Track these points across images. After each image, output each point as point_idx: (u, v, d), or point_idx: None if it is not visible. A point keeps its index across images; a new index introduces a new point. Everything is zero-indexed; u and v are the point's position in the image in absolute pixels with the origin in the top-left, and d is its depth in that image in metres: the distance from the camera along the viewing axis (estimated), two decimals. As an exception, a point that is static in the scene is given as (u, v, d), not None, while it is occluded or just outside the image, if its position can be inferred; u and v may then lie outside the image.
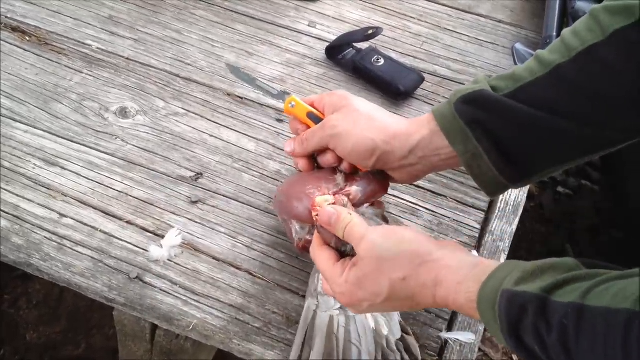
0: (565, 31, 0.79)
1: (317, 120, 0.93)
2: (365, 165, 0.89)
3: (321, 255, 0.83)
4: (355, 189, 0.88)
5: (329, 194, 0.87)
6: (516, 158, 0.81)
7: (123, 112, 1.14)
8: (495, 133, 0.80)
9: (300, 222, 0.89)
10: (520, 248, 1.89)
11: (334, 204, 0.85)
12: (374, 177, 0.90)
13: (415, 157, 0.86)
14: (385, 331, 0.87)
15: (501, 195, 1.08)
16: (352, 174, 0.91)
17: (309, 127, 0.94)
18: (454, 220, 1.05)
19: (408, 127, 0.86)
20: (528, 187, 1.10)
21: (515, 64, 1.15)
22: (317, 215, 0.84)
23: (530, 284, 0.64)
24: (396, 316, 0.89)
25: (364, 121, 0.87)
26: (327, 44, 1.28)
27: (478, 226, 1.05)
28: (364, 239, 0.77)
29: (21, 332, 1.71)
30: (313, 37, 1.31)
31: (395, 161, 0.87)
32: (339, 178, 0.89)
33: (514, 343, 0.64)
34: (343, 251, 0.82)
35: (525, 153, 0.81)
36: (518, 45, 1.17)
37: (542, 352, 0.61)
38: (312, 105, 0.94)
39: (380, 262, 0.75)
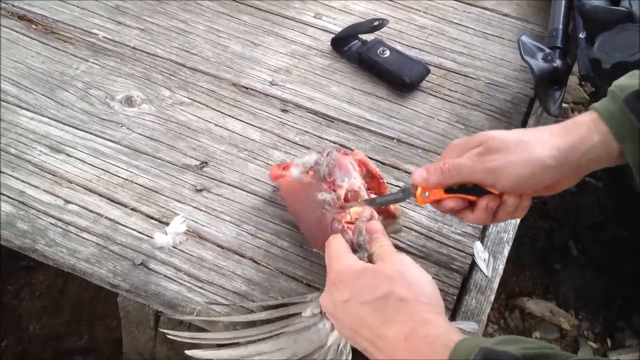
0: None
1: (461, 190, 0.83)
2: (534, 190, 0.82)
3: (340, 241, 0.82)
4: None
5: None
6: None
7: (129, 101, 1.14)
8: None
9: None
10: (523, 244, 1.88)
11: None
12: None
13: (576, 168, 0.80)
14: None
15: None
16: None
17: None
18: (459, 211, 1.05)
19: (574, 136, 0.78)
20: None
21: (521, 55, 1.14)
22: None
23: (510, 346, 0.64)
24: None
25: (524, 150, 0.78)
26: (333, 35, 1.28)
27: (482, 217, 1.05)
28: (397, 255, 0.78)
29: (24, 323, 1.71)
30: (319, 28, 1.31)
31: (558, 178, 0.81)
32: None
33: None
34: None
35: None
36: (524, 38, 1.17)
37: None
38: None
39: (399, 274, 0.74)
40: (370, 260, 0.80)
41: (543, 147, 0.78)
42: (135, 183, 1.03)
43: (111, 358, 1.65)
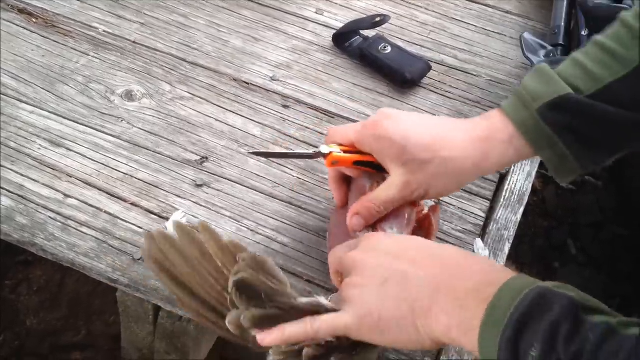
0: (630, 19, 0.77)
1: (368, 164, 0.86)
2: None
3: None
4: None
5: None
6: (601, 154, 0.80)
7: (129, 95, 1.14)
8: (584, 135, 0.78)
9: None
10: (522, 242, 1.89)
11: None
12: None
13: (495, 169, 0.85)
14: None
15: (506, 184, 1.08)
16: None
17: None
18: (459, 208, 1.05)
19: (492, 154, 0.81)
20: (533, 177, 1.10)
21: (524, 53, 1.14)
22: None
23: (567, 290, 0.61)
24: None
25: (441, 172, 0.81)
26: (334, 31, 1.27)
27: (483, 214, 1.05)
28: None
29: (21, 318, 1.71)
30: (320, 24, 1.31)
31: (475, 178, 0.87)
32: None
33: (508, 338, 0.60)
34: None
35: (610, 149, 0.80)
36: (526, 35, 1.17)
37: (543, 350, 0.57)
38: (353, 148, 0.87)
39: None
40: None
41: (464, 164, 0.81)
42: (135, 178, 1.03)
43: (109, 353, 1.66)
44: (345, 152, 0.86)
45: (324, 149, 0.86)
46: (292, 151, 0.91)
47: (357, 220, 0.84)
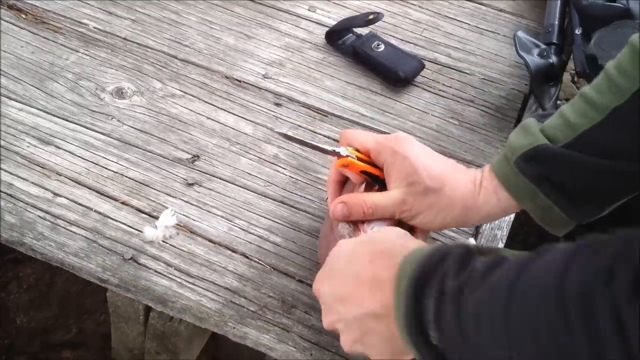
0: (610, 67, 0.78)
1: (373, 177, 0.87)
2: None
3: None
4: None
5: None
6: (585, 202, 0.79)
7: (119, 93, 1.13)
8: (562, 184, 0.78)
9: None
10: (515, 241, 1.88)
11: None
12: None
13: (479, 220, 0.86)
14: None
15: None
16: None
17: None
18: (453, 207, 1.04)
19: (477, 199, 0.83)
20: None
21: (517, 51, 1.14)
22: None
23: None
24: None
25: (435, 205, 0.83)
26: (327, 28, 1.26)
27: (476, 214, 1.04)
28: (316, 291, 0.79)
29: (11, 316, 1.70)
30: (313, 21, 1.30)
31: (460, 224, 0.89)
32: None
33: (411, 301, 0.61)
34: None
35: (594, 196, 0.79)
36: (520, 33, 1.16)
37: (435, 306, 0.59)
38: (367, 156, 0.87)
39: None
40: None
41: (455, 205, 0.83)
42: (126, 176, 1.02)
43: (99, 352, 1.64)
44: (358, 158, 0.87)
45: (343, 151, 0.86)
46: (312, 140, 0.91)
47: (341, 209, 0.84)
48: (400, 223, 0.85)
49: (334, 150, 0.87)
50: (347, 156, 0.86)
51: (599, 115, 0.76)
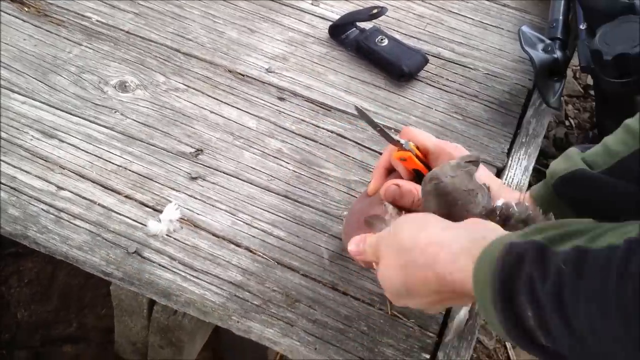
0: None
1: (421, 178, 0.85)
2: None
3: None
4: None
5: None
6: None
7: (122, 86, 1.12)
8: (597, 208, 0.79)
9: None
10: (515, 236, 1.89)
11: None
12: None
13: None
14: None
15: (504, 179, 1.07)
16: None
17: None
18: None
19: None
20: (530, 171, 1.10)
21: (522, 46, 1.13)
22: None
23: (533, 235, 0.59)
24: None
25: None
26: (331, 23, 1.26)
27: (480, 209, 1.04)
28: (378, 241, 0.75)
29: (12, 310, 1.69)
30: (316, 15, 1.29)
31: None
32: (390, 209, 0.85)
33: (504, 312, 0.58)
34: None
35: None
36: (525, 28, 1.16)
37: (535, 316, 0.56)
38: (425, 153, 0.87)
39: (389, 257, 0.73)
40: None
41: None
42: (129, 170, 1.01)
43: (100, 346, 1.64)
44: (416, 155, 0.87)
45: (406, 145, 0.86)
46: (382, 126, 0.90)
47: (394, 190, 0.83)
48: None
49: (398, 141, 0.86)
50: (409, 151, 0.85)
51: (638, 144, 0.78)
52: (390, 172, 0.90)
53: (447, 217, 0.73)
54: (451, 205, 0.76)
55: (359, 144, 1.09)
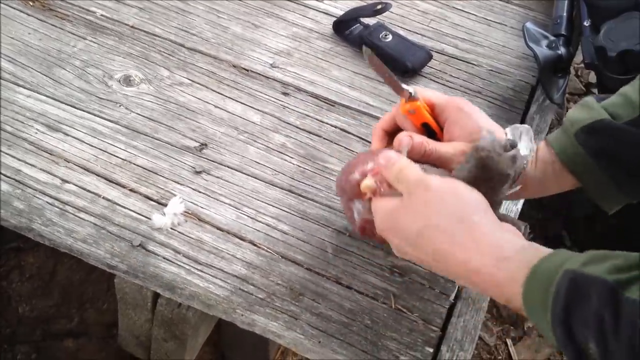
0: None
1: (430, 133, 0.86)
2: None
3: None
4: None
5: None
6: None
7: (127, 80, 1.13)
8: (621, 160, 0.79)
9: (350, 191, 0.84)
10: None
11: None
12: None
13: (534, 192, 0.86)
14: None
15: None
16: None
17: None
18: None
19: (534, 169, 0.84)
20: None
21: (526, 42, 1.14)
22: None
23: (598, 266, 0.60)
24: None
25: None
26: (335, 18, 1.26)
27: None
28: (420, 179, 0.74)
29: (13, 305, 1.69)
30: (320, 11, 1.30)
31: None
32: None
33: (562, 332, 0.59)
34: None
35: None
36: (529, 25, 1.16)
37: (598, 348, 0.56)
38: (432, 108, 0.86)
39: (426, 203, 0.72)
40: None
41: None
42: (134, 164, 1.02)
43: (101, 341, 1.64)
44: None
45: (414, 93, 0.84)
46: (390, 72, 0.88)
47: (407, 140, 0.82)
48: None
49: (407, 90, 0.85)
50: (417, 100, 0.84)
51: None
52: (390, 135, 0.89)
53: (473, 186, 0.74)
54: (485, 181, 0.76)
55: (362, 139, 1.09)
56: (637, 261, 0.60)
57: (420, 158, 0.82)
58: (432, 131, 0.86)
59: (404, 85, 0.85)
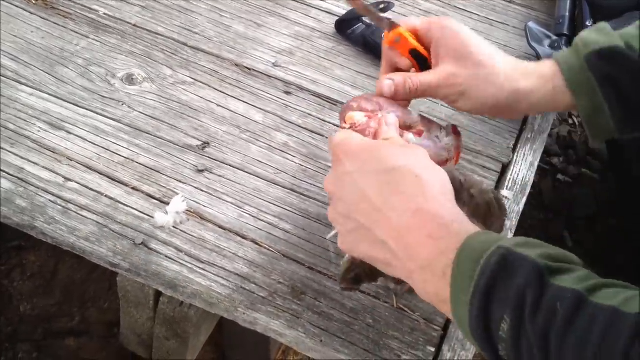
0: None
1: (420, 59, 0.85)
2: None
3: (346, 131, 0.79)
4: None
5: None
6: (637, 115, 0.79)
7: (130, 79, 1.13)
8: (624, 91, 0.77)
9: (340, 116, 0.86)
10: (518, 234, 1.89)
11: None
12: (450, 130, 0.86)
13: (528, 108, 0.84)
14: None
15: (509, 174, 1.07)
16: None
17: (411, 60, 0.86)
18: (462, 197, 1.04)
19: (532, 82, 0.81)
20: (536, 167, 1.10)
21: (528, 42, 1.14)
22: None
23: (529, 249, 0.59)
24: None
25: (488, 79, 0.81)
26: (337, 17, 1.26)
27: (486, 204, 1.04)
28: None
29: (15, 303, 1.69)
30: (322, 10, 1.30)
31: (507, 111, 0.84)
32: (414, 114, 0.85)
33: (480, 302, 0.58)
34: None
35: None
36: (531, 24, 1.16)
37: (512, 327, 0.56)
38: (416, 35, 0.85)
39: (416, 154, 0.70)
40: None
41: (507, 85, 0.81)
42: (136, 162, 1.02)
43: (103, 340, 1.64)
44: None
45: (394, 20, 0.84)
46: (368, 5, 0.89)
47: (388, 84, 0.83)
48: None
49: (388, 19, 0.84)
50: (399, 26, 0.83)
51: None
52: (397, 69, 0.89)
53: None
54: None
55: (365, 138, 1.09)
56: (569, 257, 0.60)
57: (409, 96, 0.83)
58: (422, 58, 0.85)
59: (383, 16, 0.85)
